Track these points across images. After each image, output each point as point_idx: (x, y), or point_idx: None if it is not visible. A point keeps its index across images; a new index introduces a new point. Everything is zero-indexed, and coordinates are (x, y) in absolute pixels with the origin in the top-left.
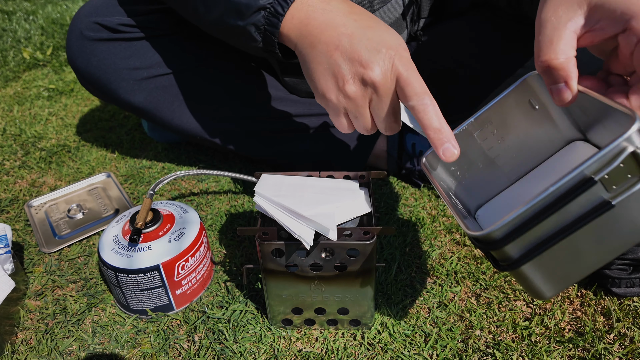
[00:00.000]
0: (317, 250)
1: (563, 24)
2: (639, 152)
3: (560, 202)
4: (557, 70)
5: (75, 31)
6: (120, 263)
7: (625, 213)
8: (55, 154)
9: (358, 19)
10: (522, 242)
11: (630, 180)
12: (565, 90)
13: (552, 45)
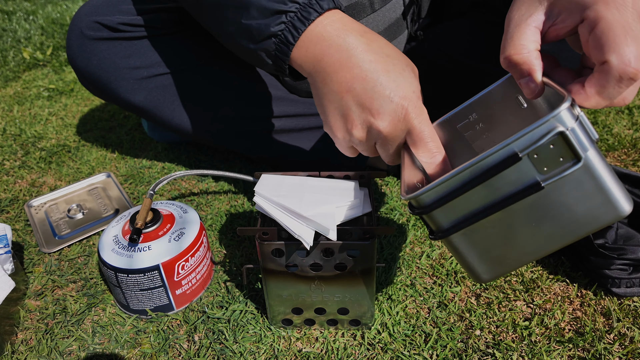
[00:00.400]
0: (317, 250)
1: (524, 20)
2: (567, 134)
3: (487, 174)
4: (519, 65)
5: (75, 30)
6: (120, 263)
7: (561, 199)
8: (55, 154)
9: (374, 60)
10: (452, 211)
11: (562, 163)
12: (530, 82)
13: (512, 41)
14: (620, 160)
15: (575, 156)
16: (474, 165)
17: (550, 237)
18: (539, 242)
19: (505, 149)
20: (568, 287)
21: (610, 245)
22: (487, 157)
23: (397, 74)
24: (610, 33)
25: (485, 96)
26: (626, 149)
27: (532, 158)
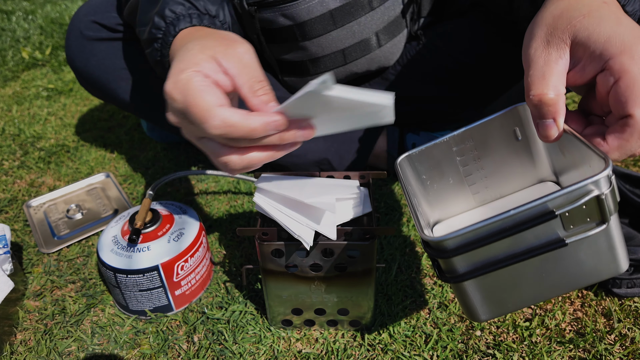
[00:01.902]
0: (317, 250)
1: (554, 60)
2: (602, 198)
3: (518, 227)
4: (547, 106)
5: (74, 31)
6: (119, 263)
7: (574, 255)
8: (54, 154)
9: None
10: (471, 258)
11: (588, 224)
12: (553, 126)
13: (544, 80)
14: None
15: (602, 219)
16: (508, 217)
17: (554, 286)
18: (541, 290)
19: (542, 205)
20: None
21: None
22: (522, 211)
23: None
24: (636, 88)
25: (485, 124)
26: None
27: (563, 216)
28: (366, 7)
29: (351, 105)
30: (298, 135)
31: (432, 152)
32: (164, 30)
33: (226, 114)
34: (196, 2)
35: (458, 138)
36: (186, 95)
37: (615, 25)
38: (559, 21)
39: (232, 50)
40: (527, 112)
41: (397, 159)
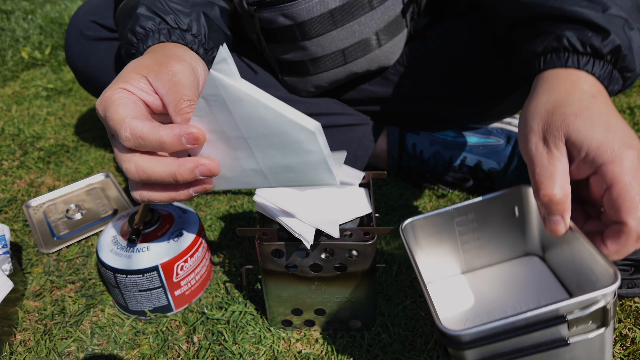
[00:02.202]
0: (317, 250)
1: (558, 159)
2: (608, 308)
3: (530, 328)
4: (556, 205)
5: (74, 30)
6: (118, 264)
7: (570, 352)
8: (54, 153)
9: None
10: (481, 351)
11: (589, 326)
12: (560, 222)
13: (552, 180)
14: None
15: (603, 324)
16: (524, 318)
17: None
18: None
19: (554, 310)
20: None
21: None
22: (537, 314)
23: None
24: (627, 197)
25: (488, 200)
26: None
27: (571, 320)
28: (366, 6)
29: (267, 118)
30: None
31: (435, 221)
32: (136, 46)
33: (136, 125)
34: (167, 16)
35: (461, 210)
36: (105, 110)
37: (605, 131)
38: (553, 117)
39: (165, 69)
40: (527, 193)
41: (402, 223)
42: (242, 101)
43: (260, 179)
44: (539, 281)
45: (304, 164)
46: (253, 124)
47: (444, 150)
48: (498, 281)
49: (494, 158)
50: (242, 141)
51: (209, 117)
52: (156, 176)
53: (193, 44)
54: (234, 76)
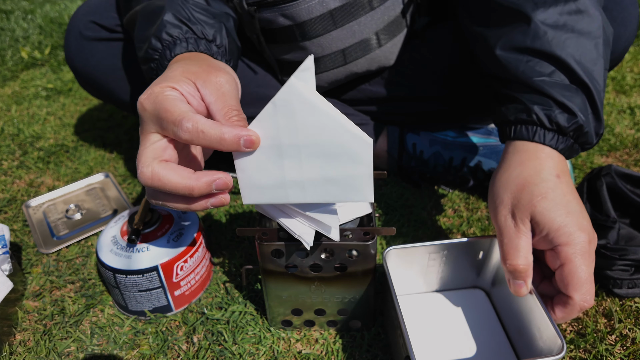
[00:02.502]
0: (317, 250)
1: (523, 233)
2: None
3: None
4: (520, 273)
5: (73, 31)
6: (118, 264)
7: None
8: (54, 153)
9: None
10: None
11: None
12: (523, 286)
13: (517, 252)
14: (622, 160)
15: None
16: None
17: None
18: None
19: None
20: None
21: (612, 246)
22: None
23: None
24: (575, 276)
25: (462, 243)
26: (628, 148)
27: None
28: (366, 7)
29: (328, 127)
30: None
31: (412, 251)
32: (160, 52)
33: (199, 119)
34: (193, 25)
35: (438, 248)
36: (159, 104)
37: (565, 215)
38: (522, 195)
39: (214, 78)
40: (495, 244)
41: (385, 250)
42: (311, 109)
43: (296, 192)
44: (482, 314)
45: (350, 177)
46: (313, 132)
47: (444, 150)
48: (449, 306)
49: (494, 158)
50: (295, 149)
51: (271, 122)
52: (171, 186)
53: (218, 55)
54: (310, 85)
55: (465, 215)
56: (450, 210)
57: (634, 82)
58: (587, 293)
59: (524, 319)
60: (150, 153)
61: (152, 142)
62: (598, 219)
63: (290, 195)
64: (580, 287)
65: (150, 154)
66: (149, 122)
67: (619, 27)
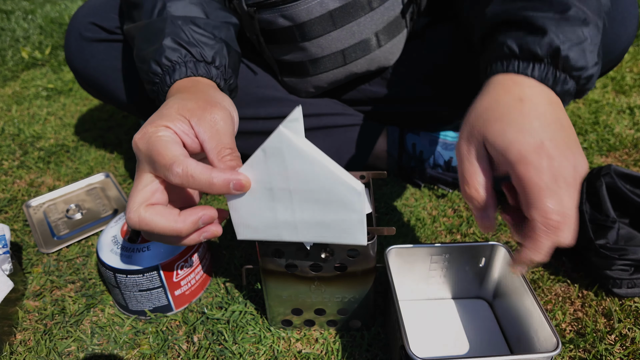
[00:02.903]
0: (317, 250)
1: (477, 159)
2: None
3: None
4: (477, 200)
5: (73, 32)
6: (118, 264)
7: None
8: (54, 153)
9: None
10: None
11: None
12: (485, 218)
13: (474, 178)
14: (621, 160)
15: None
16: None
17: None
18: None
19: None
20: (569, 287)
21: (611, 245)
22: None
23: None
24: (531, 193)
25: (464, 247)
26: (627, 148)
27: None
28: (366, 7)
29: (319, 175)
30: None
31: (414, 252)
32: (160, 77)
33: (190, 164)
34: (192, 48)
35: (439, 250)
36: (152, 145)
37: (517, 132)
38: (477, 121)
39: (209, 115)
40: (496, 249)
41: (387, 249)
42: (301, 157)
43: (289, 232)
44: (484, 324)
45: (342, 221)
46: (304, 179)
47: (444, 150)
48: (451, 315)
49: None
50: (286, 194)
51: (261, 167)
52: (158, 229)
53: (218, 78)
54: (299, 135)
55: (465, 215)
56: (450, 210)
57: (634, 82)
58: (546, 206)
59: (523, 325)
60: (139, 198)
61: (144, 185)
62: (598, 218)
63: (284, 235)
64: (535, 204)
65: (138, 199)
66: (143, 161)
67: (619, 27)
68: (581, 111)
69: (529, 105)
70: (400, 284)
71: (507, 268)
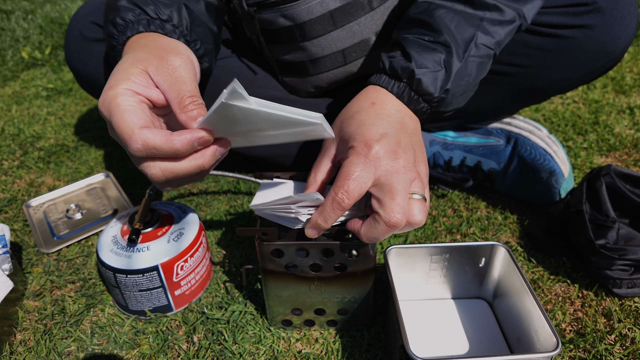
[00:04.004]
0: (317, 250)
1: (326, 153)
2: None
3: None
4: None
5: (74, 32)
6: (118, 264)
7: None
8: (54, 153)
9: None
10: None
11: None
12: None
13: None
14: (621, 160)
15: None
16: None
17: None
18: None
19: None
20: (569, 287)
21: (611, 245)
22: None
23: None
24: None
25: (465, 247)
26: (627, 149)
27: None
28: (366, 7)
29: (278, 121)
30: (218, 151)
31: (414, 252)
32: (116, 38)
33: (148, 135)
34: (147, 7)
35: (439, 250)
36: (111, 114)
37: (356, 127)
38: (338, 117)
39: (165, 63)
40: (496, 249)
41: (386, 248)
42: (255, 116)
43: (267, 139)
44: (484, 324)
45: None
46: (266, 125)
47: (444, 150)
48: (450, 315)
49: (494, 158)
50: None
51: (220, 124)
52: (184, 172)
53: (173, 34)
54: (245, 99)
55: (464, 215)
56: (450, 210)
57: (634, 82)
58: (341, 189)
59: (523, 325)
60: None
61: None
62: (598, 218)
63: (263, 140)
64: (335, 189)
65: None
66: (109, 127)
67: (619, 27)
68: (581, 111)
69: (377, 108)
70: (400, 284)
71: (507, 268)
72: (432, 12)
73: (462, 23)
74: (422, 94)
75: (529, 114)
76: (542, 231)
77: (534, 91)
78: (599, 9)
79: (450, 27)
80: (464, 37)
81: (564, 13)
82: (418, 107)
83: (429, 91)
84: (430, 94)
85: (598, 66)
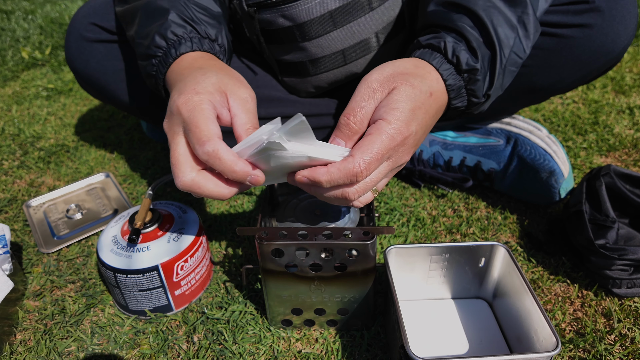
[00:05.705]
0: (317, 250)
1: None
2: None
3: None
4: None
5: (74, 32)
6: (119, 263)
7: None
8: (54, 153)
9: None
10: None
11: None
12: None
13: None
14: (621, 160)
15: None
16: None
17: None
18: None
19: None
20: (569, 287)
21: (611, 245)
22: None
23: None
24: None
25: (464, 247)
26: (627, 149)
27: None
28: (366, 7)
29: (309, 159)
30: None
31: (414, 252)
32: (165, 50)
33: (221, 147)
34: (197, 25)
35: (438, 250)
36: (193, 115)
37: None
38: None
39: (242, 93)
40: (496, 249)
41: (386, 248)
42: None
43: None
44: (484, 324)
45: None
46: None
47: (443, 150)
48: (450, 315)
49: (494, 158)
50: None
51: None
52: (207, 193)
53: (220, 55)
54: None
55: (464, 215)
56: (450, 210)
57: (633, 82)
58: (362, 159)
59: (523, 325)
60: (189, 162)
61: (185, 149)
62: (597, 218)
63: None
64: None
65: (188, 163)
66: (178, 124)
67: (618, 26)
68: (581, 111)
69: (432, 102)
70: (400, 284)
71: (507, 268)
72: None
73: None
74: (472, 95)
75: (528, 114)
76: (541, 231)
77: (533, 91)
78: (599, 8)
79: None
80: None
81: (564, 11)
82: (456, 105)
83: (477, 94)
84: (478, 97)
85: (597, 66)
